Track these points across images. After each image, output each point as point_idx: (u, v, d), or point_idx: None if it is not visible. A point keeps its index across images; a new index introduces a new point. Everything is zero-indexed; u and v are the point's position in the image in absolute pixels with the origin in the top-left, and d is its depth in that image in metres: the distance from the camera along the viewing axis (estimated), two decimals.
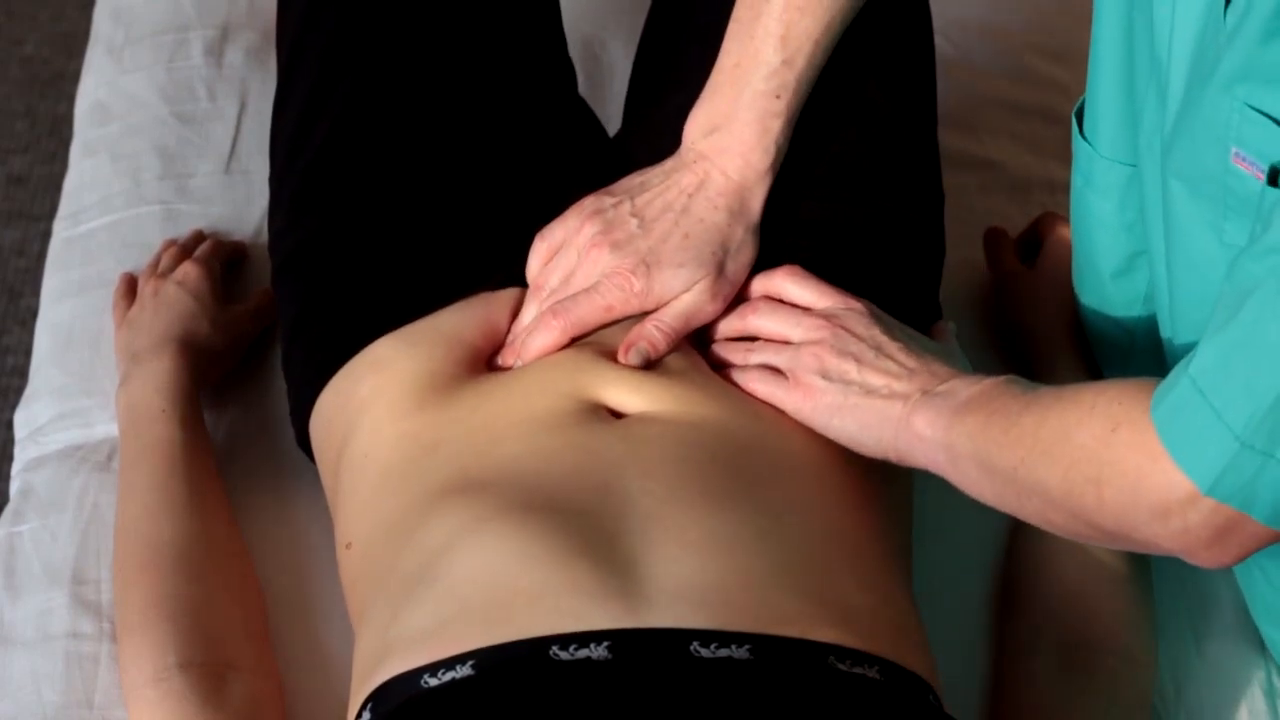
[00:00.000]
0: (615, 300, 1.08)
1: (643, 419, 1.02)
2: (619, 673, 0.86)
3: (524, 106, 1.23)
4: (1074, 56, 1.62)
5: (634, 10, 1.57)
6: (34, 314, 1.45)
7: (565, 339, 1.08)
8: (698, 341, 1.11)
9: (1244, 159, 0.90)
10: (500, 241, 1.15)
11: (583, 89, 1.40)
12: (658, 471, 0.98)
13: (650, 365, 1.07)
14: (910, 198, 1.20)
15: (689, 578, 0.91)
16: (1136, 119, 1.08)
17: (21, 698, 1.11)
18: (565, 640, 0.87)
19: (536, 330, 1.08)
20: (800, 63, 1.10)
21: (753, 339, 1.10)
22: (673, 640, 0.88)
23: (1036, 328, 1.29)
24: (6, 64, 2.35)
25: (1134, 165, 1.12)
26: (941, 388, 1.00)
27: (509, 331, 1.12)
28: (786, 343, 1.07)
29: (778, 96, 1.10)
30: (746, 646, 0.88)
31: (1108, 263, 1.17)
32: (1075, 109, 1.17)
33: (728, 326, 1.10)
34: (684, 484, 0.97)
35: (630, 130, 1.30)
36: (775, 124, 1.10)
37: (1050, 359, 1.26)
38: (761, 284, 1.11)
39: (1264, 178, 0.88)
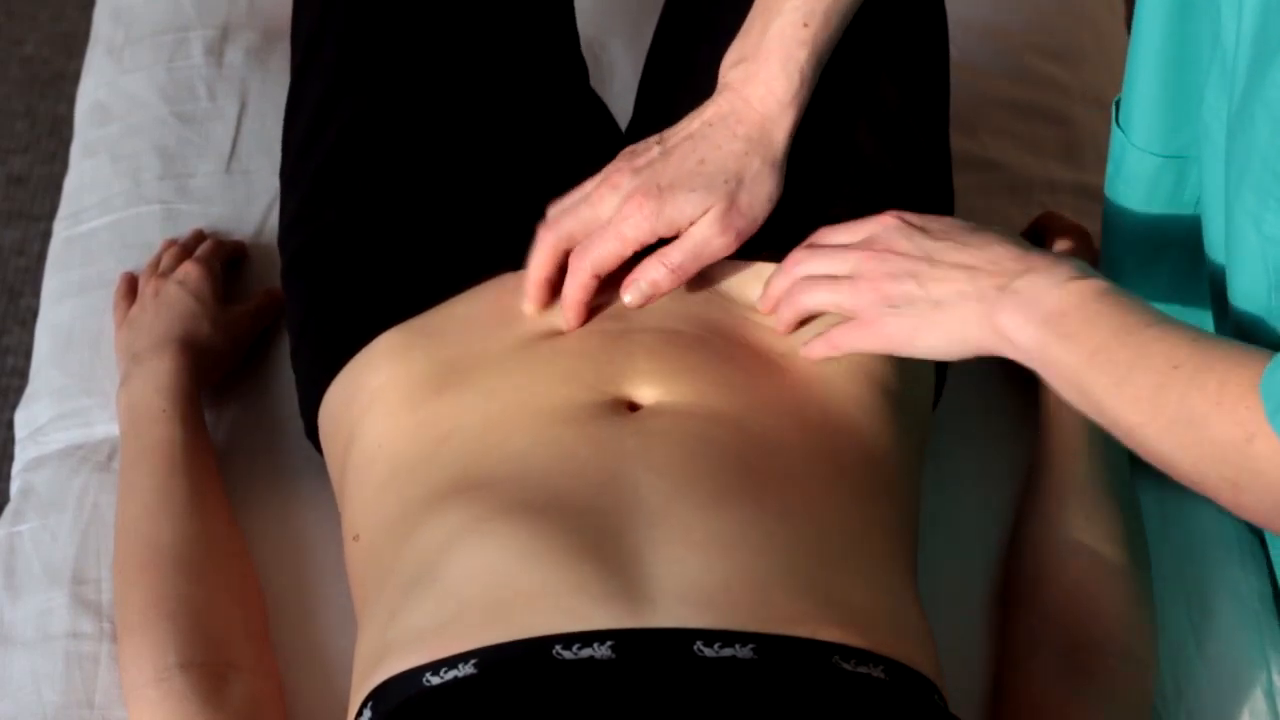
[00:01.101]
0: (628, 227, 1.05)
1: (656, 412, 1.02)
2: (622, 672, 0.86)
3: (537, 101, 1.23)
4: (1074, 56, 1.62)
5: (634, 11, 1.58)
6: (34, 314, 1.45)
7: (591, 279, 1.06)
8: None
9: None
10: (513, 236, 1.15)
11: None
12: (667, 468, 0.97)
13: (678, 354, 1.05)
14: (921, 196, 1.20)
15: (693, 578, 0.91)
16: (1178, 110, 1.08)
17: (21, 698, 1.11)
18: (568, 639, 0.87)
19: (568, 282, 1.07)
20: None
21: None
22: (676, 640, 0.87)
23: None
24: (6, 64, 2.35)
25: (1165, 156, 1.11)
26: (1019, 283, 0.96)
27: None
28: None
29: (805, 25, 1.08)
30: (750, 646, 0.88)
31: (1132, 257, 1.16)
32: (1116, 99, 1.16)
33: (777, 285, 1.07)
34: (692, 482, 0.97)
35: (640, 126, 1.30)
36: (800, 53, 1.08)
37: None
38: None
39: None
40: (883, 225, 1.04)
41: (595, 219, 1.07)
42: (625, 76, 1.54)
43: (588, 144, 1.23)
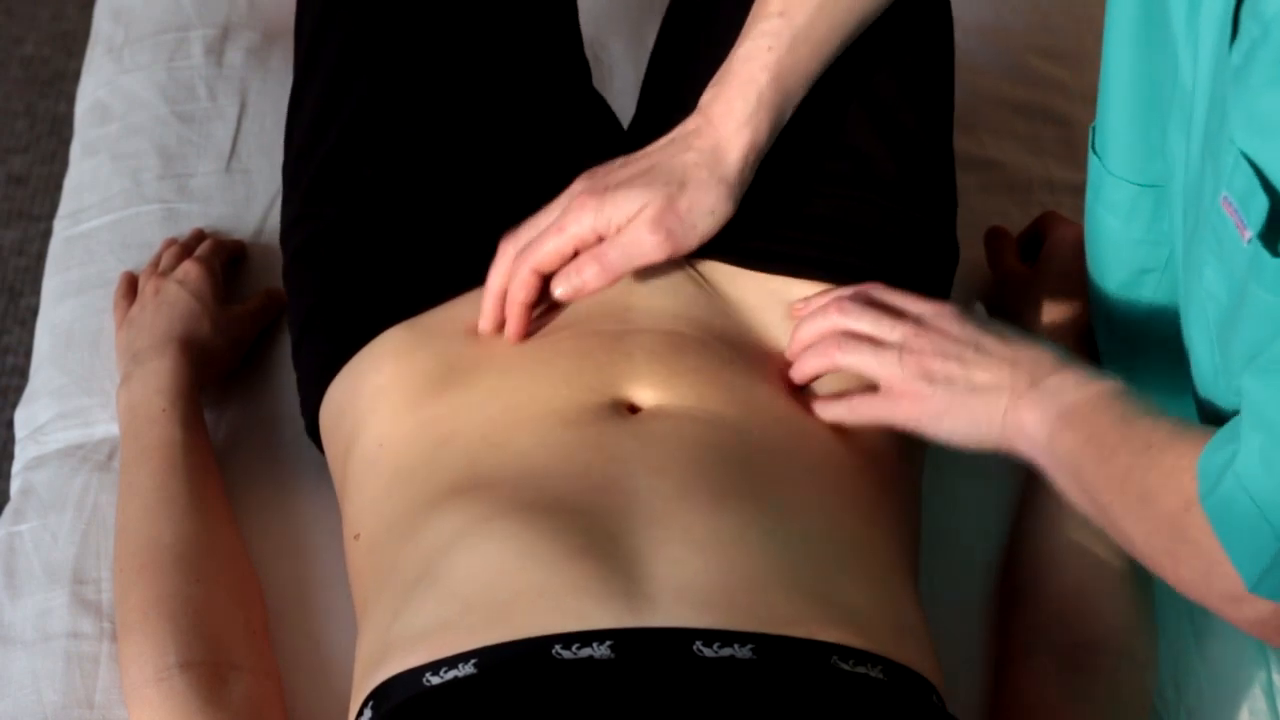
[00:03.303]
0: (570, 223, 1.06)
1: (657, 414, 1.02)
2: (621, 672, 0.86)
3: (540, 100, 1.23)
4: (1074, 56, 1.62)
5: (635, 11, 1.58)
6: (34, 314, 1.45)
7: (532, 275, 1.07)
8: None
9: (1231, 205, 0.87)
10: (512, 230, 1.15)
11: None
12: (668, 470, 0.97)
13: (677, 356, 1.06)
14: (924, 198, 1.20)
15: (692, 577, 0.91)
16: (1149, 141, 1.07)
17: (21, 698, 1.11)
18: (568, 639, 0.87)
19: (511, 279, 1.07)
20: (799, 18, 1.08)
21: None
22: (676, 640, 0.88)
23: (1038, 327, 1.29)
24: (6, 64, 2.35)
25: (1141, 185, 1.11)
26: (1050, 380, 0.99)
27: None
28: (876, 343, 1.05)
29: (769, 48, 1.08)
30: (749, 646, 0.88)
31: (1114, 277, 1.16)
32: (1092, 125, 1.16)
33: (812, 328, 1.07)
34: (692, 483, 0.97)
35: (641, 127, 1.30)
36: (762, 76, 1.08)
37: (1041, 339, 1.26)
38: (846, 289, 1.09)
39: (1245, 230, 0.86)
40: (937, 309, 1.05)
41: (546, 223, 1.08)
42: (626, 77, 1.54)
43: (590, 142, 1.23)
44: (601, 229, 1.06)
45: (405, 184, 1.16)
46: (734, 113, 1.08)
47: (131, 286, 1.34)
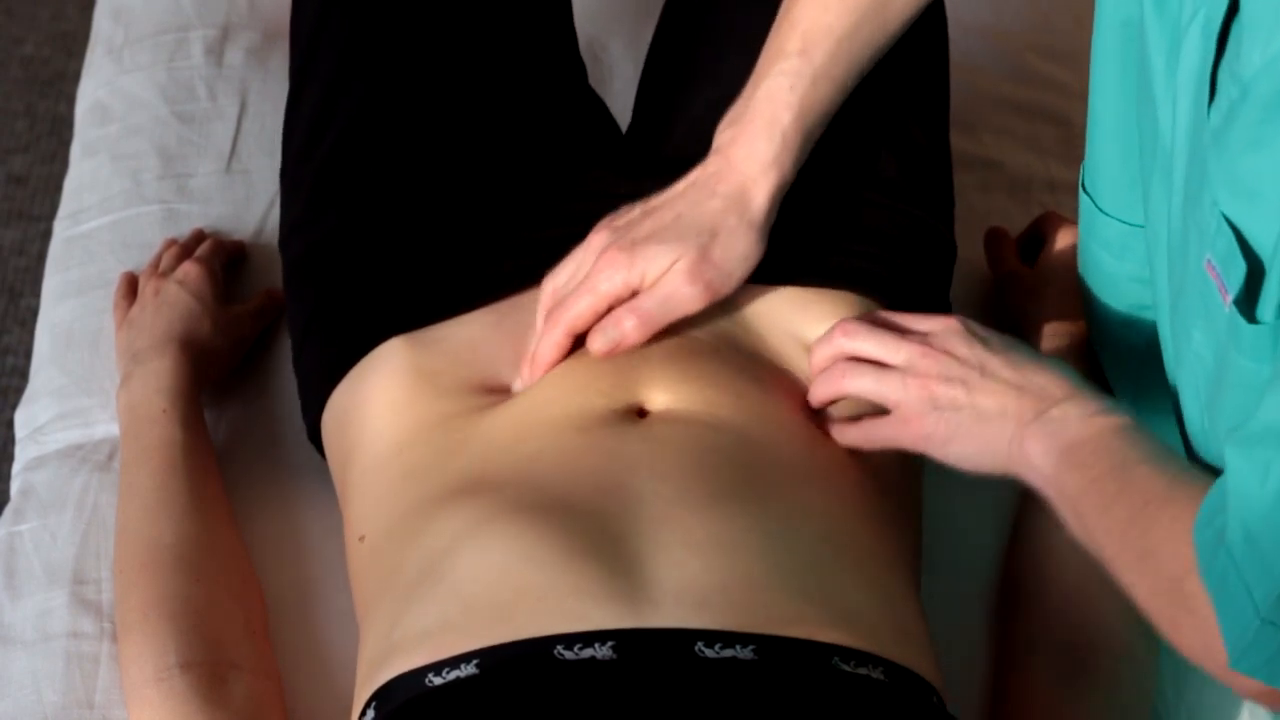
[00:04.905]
0: (600, 280, 1.05)
1: (665, 418, 1.02)
2: (623, 672, 0.86)
3: (537, 102, 1.23)
4: (1074, 56, 1.62)
5: (635, 11, 1.58)
6: (34, 314, 1.45)
7: (567, 339, 1.07)
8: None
9: (1214, 268, 0.87)
10: (514, 237, 1.15)
11: None
12: (672, 474, 0.98)
13: (691, 360, 1.05)
14: (923, 199, 1.20)
15: (694, 579, 0.91)
16: (1137, 184, 1.07)
17: (21, 698, 1.11)
18: (570, 640, 0.87)
19: (541, 338, 1.07)
20: (818, 57, 1.08)
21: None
22: (677, 640, 0.88)
23: (1037, 328, 1.29)
24: (6, 64, 2.35)
25: (1132, 225, 1.11)
26: (1055, 411, 0.96)
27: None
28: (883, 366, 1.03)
29: (791, 88, 1.08)
30: (751, 647, 0.88)
31: (1111, 312, 1.16)
32: (1084, 162, 1.16)
33: (823, 353, 1.06)
34: (695, 487, 0.97)
35: (639, 128, 1.30)
36: (785, 115, 1.07)
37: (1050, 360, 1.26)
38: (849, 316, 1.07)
39: (1227, 294, 0.85)
40: (945, 325, 1.03)
41: (575, 279, 1.08)
42: (625, 77, 1.54)
43: (588, 144, 1.23)
44: (635, 284, 1.05)
45: (404, 190, 1.16)
46: (757, 155, 1.07)
47: (131, 287, 1.34)
